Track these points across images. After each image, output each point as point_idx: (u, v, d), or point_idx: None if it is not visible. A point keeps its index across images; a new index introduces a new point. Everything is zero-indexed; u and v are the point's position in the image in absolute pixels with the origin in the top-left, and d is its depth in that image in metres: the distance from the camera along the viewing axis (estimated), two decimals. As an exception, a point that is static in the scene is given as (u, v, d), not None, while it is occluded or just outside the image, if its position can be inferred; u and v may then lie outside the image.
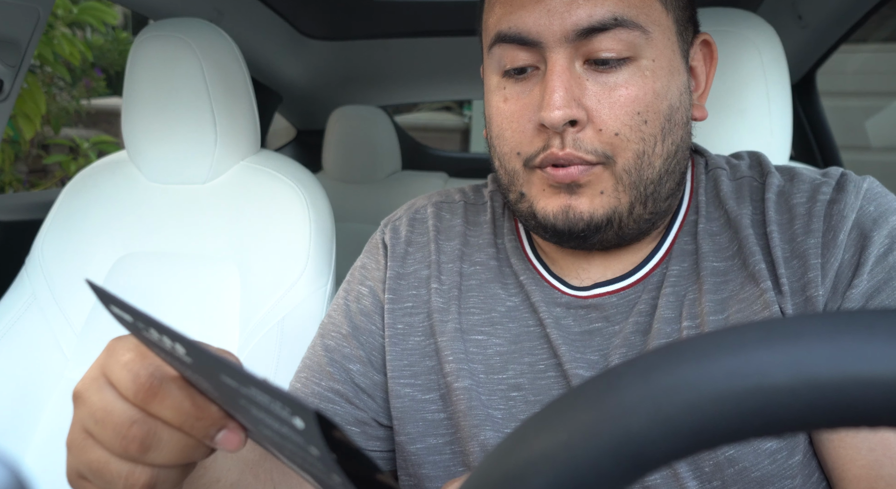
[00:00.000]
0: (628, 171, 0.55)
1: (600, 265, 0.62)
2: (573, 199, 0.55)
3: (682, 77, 0.57)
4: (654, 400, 0.21)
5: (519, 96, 0.57)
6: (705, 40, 0.62)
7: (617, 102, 0.54)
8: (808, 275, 0.54)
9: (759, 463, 0.52)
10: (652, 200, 0.57)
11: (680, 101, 0.57)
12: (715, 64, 0.63)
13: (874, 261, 0.53)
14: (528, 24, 0.54)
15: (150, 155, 1.07)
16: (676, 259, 0.60)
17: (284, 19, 1.70)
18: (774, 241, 0.56)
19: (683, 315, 0.57)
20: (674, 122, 0.56)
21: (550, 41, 0.54)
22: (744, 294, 0.55)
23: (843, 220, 0.54)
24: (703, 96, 0.62)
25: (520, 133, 0.57)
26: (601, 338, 0.59)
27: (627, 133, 0.54)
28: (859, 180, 0.57)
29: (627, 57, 0.54)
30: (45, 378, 1.01)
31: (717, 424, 0.20)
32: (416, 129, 4.10)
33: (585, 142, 0.54)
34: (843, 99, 2.89)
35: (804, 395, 0.20)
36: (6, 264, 1.18)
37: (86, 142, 3.16)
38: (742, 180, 0.62)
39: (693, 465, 0.53)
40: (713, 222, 0.61)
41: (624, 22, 0.53)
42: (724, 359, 0.21)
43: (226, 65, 1.05)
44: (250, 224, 1.03)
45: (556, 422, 0.22)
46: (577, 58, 0.54)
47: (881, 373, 0.19)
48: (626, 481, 0.21)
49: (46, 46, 2.38)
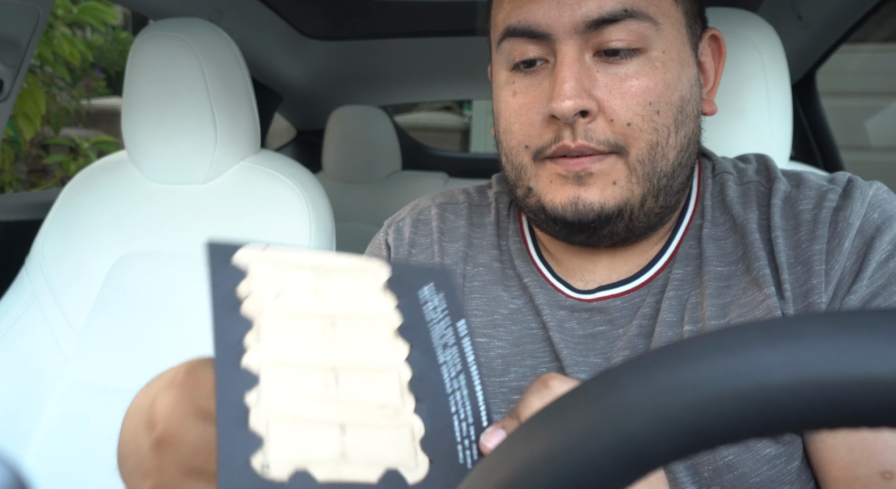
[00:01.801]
0: (642, 161, 0.54)
1: (606, 267, 0.62)
2: (582, 190, 0.55)
3: (692, 69, 0.57)
4: (653, 400, 0.21)
5: (528, 89, 0.57)
6: (714, 35, 0.62)
7: (628, 93, 0.53)
8: (811, 282, 0.53)
9: (757, 468, 0.51)
10: (664, 194, 0.57)
11: (691, 93, 0.57)
12: (723, 59, 0.62)
13: (875, 267, 0.53)
14: (537, 17, 0.54)
15: (150, 155, 1.07)
16: (680, 263, 0.60)
17: (284, 19, 1.70)
18: (779, 246, 0.56)
19: (685, 319, 0.56)
20: (686, 114, 0.56)
21: (560, 33, 0.54)
22: (746, 298, 0.55)
23: (849, 227, 0.54)
24: (712, 91, 0.62)
25: (528, 126, 0.56)
26: (604, 341, 0.59)
27: (640, 123, 0.54)
28: (865, 187, 0.57)
29: (637, 48, 0.54)
30: (45, 378, 1.01)
31: (717, 424, 0.20)
32: (416, 129, 4.10)
33: (597, 132, 0.54)
34: (843, 99, 2.88)
35: (804, 395, 0.20)
36: (6, 264, 1.18)
37: (86, 142, 3.16)
38: (749, 185, 0.62)
39: (692, 470, 0.53)
40: (718, 227, 0.60)
41: (634, 13, 0.53)
42: (723, 359, 0.21)
43: (226, 65, 1.05)
44: (250, 224, 1.03)
45: (556, 422, 0.22)
46: (587, 50, 0.54)
47: (881, 373, 0.19)
48: (625, 481, 0.21)
49: (46, 46, 2.38)
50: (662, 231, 0.62)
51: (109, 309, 1.03)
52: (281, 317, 0.34)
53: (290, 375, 0.32)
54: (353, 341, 0.34)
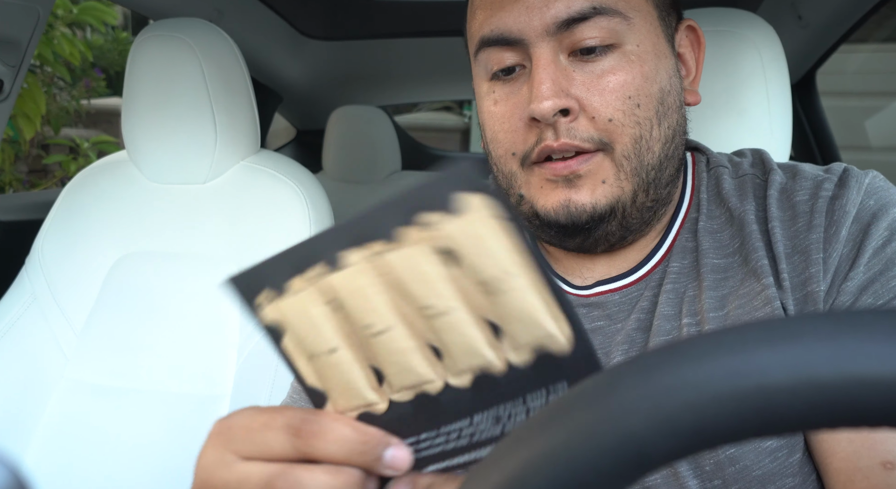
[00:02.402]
0: (628, 156, 0.55)
1: (604, 264, 0.62)
2: (572, 192, 0.55)
3: (669, 61, 0.58)
4: (654, 400, 0.21)
5: (508, 97, 0.57)
6: (690, 26, 0.62)
7: (606, 89, 0.54)
8: (809, 271, 0.54)
9: (759, 461, 0.52)
10: (654, 187, 0.57)
11: (670, 84, 0.57)
12: (703, 48, 0.63)
13: (871, 253, 0.53)
14: (508, 24, 0.55)
15: (150, 155, 1.07)
16: (677, 256, 0.60)
17: (284, 19, 1.70)
18: (776, 237, 0.56)
19: (683, 312, 0.57)
20: (667, 105, 0.56)
21: (532, 37, 0.54)
22: (744, 289, 0.55)
23: (845, 215, 0.54)
24: (695, 81, 0.62)
25: (512, 132, 0.57)
26: (603, 336, 0.59)
27: (621, 118, 0.54)
28: (861, 175, 0.57)
29: (611, 44, 0.54)
30: (45, 378, 1.01)
31: (717, 424, 0.20)
32: (416, 129, 4.10)
33: (580, 130, 0.54)
34: (843, 99, 2.88)
35: (804, 395, 0.20)
36: (6, 264, 1.18)
37: (86, 142, 3.16)
38: (744, 178, 0.62)
39: (693, 464, 0.53)
40: (714, 220, 0.61)
41: (603, 10, 0.53)
42: (724, 358, 0.21)
43: (226, 65, 1.05)
44: (250, 224, 1.03)
45: (556, 422, 0.22)
46: (561, 51, 0.55)
47: (881, 373, 0.19)
48: (626, 481, 0.21)
49: (46, 46, 2.38)
50: (659, 226, 0.62)
51: (109, 309, 1.03)
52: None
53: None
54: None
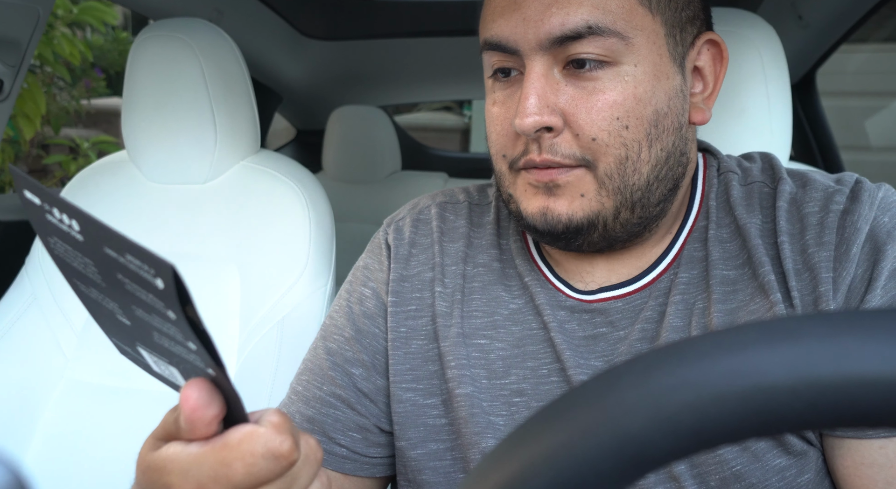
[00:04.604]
0: (610, 175, 0.54)
1: (604, 269, 0.61)
2: (551, 201, 0.55)
3: (671, 81, 0.55)
4: (654, 400, 0.21)
5: (505, 100, 0.58)
6: (712, 40, 0.59)
7: (594, 107, 0.53)
8: (819, 289, 0.53)
9: (766, 480, 0.51)
10: (640, 206, 0.56)
11: (669, 106, 0.55)
12: (725, 63, 0.60)
13: (888, 275, 0.51)
14: (505, 33, 0.55)
15: (150, 155, 1.07)
16: (686, 266, 0.59)
17: (284, 19, 1.70)
18: (785, 252, 0.55)
19: (693, 324, 0.56)
20: (662, 128, 0.55)
21: (526, 49, 0.54)
22: (754, 305, 0.54)
23: (857, 232, 0.53)
24: (710, 98, 0.59)
25: (504, 137, 0.57)
26: (605, 343, 0.59)
27: (605, 138, 0.53)
28: (874, 189, 0.55)
29: (607, 61, 0.53)
30: (45, 378, 1.01)
31: (717, 424, 0.20)
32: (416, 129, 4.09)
33: (563, 146, 0.54)
34: (843, 99, 2.88)
35: (804, 395, 0.20)
36: (6, 264, 1.18)
37: (86, 142, 3.16)
38: (753, 185, 0.61)
39: (699, 480, 0.53)
40: (723, 229, 0.59)
41: (599, 30, 0.52)
42: (723, 359, 0.21)
43: (226, 65, 1.05)
44: (250, 224, 1.03)
45: (556, 422, 0.22)
46: (555, 64, 0.54)
47: (881, 373, 0.19)
48: (625, 481, 0.21)
49: (46, 46, 2.37)
50: (662, 233, 0.61)
51: (109, 309, 1.03)
52: None
53: None
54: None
